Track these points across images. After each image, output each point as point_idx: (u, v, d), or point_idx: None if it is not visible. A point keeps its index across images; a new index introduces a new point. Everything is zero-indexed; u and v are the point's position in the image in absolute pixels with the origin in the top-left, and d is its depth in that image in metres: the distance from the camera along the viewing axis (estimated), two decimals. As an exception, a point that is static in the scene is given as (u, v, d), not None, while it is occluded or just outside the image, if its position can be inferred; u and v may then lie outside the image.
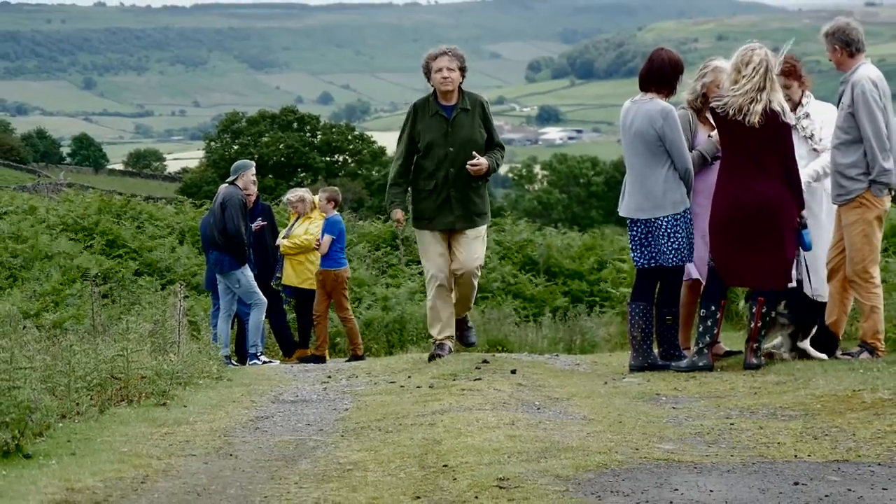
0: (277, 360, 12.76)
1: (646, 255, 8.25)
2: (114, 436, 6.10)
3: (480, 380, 7.71)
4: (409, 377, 8.31)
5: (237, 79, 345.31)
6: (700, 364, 8.02)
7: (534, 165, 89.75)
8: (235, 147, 63.98)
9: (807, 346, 8.16)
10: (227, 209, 12.12)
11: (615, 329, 14.66)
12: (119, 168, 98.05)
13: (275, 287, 13.18)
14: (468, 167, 8.88)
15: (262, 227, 13.01)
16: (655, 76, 8.28)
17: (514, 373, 8.12)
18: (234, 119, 67.48)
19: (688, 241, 8.23)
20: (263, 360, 12.21)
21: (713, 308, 8.03)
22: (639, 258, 8.29)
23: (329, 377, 8.86)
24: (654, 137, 8.14)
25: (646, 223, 8.22)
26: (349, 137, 66.71)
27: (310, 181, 55.01)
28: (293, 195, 13.76)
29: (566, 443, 5.57)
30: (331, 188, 13.66)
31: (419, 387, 7.68)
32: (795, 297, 8.14)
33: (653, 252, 8.22)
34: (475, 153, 8.90)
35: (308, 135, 65.67)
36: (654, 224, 8.19)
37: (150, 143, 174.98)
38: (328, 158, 65.30)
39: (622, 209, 8.40)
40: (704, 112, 8.45)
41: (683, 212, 8.20)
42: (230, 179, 12.56)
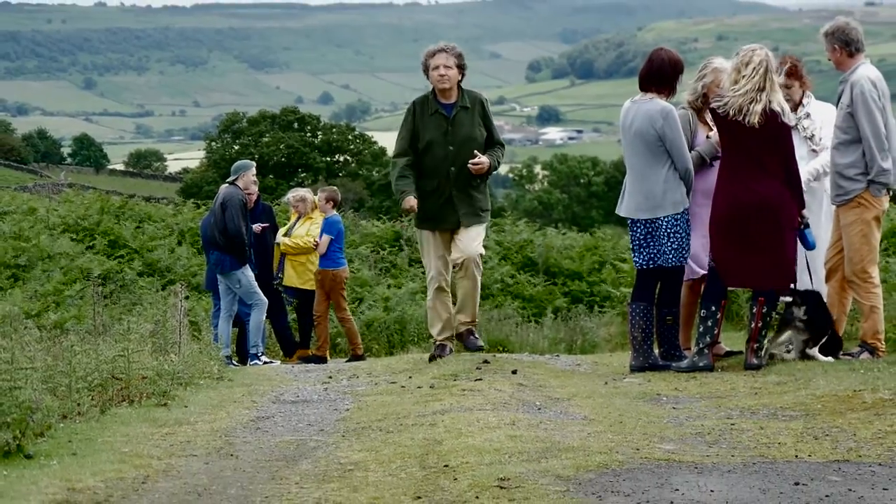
0: (278, 361, 12.76)
1: (646, 256, 8.25)
2: (115, 436, 6.11)
3: (481, 380, 7.71)
4: (410, 377, 8.32)
5: (237, 79, 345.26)
6: (700, 364, 8.02)
7: (534, 165, 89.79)
8: (236, 147, 64.02)
9: (815, 354, 8.12)
10: (228, 209, 12.12)
11: (616, 329, 14.67)
12: (120, 168, 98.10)
13: (277, 288, 13.18)
14: (470, 166, 8.82)
15: (264, 228, 13.03)
16: (655, 76, 8.27)
17: (515, 373, 8.12)
18: (235, 119, 67.52)
19: (688, 242, 8.23)
20: (264, 361, 12.21)
21: (713, 308, 8.03)
22: (639, 258, 8.30)
23: (330, 377, 8.86)
24: (655, 137, 8.14)
25: (646, 223, 8.22)
26: (349, 137, 66.76)
27: (310, 181, 55.04)
28: (294, 195, 13.76)
29: (567, 443, 5.57)
30: (329, 188, 13.66)
31: (420, 387, 7.69)
32: (813, 303, 8.11)
33: (653, 252, 8.22)
34: (476, 152, 8.86)
35: (308, 135, 65.70)
36: (655, 224, 8.19)
37: (151, 144, 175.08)
38: (328, 158, 65.36)
39: (622, 209, 8.40)
40: (704, 112, 8.45)
41: (683, 212, 8.20)
42: (230, 179, 12.55)
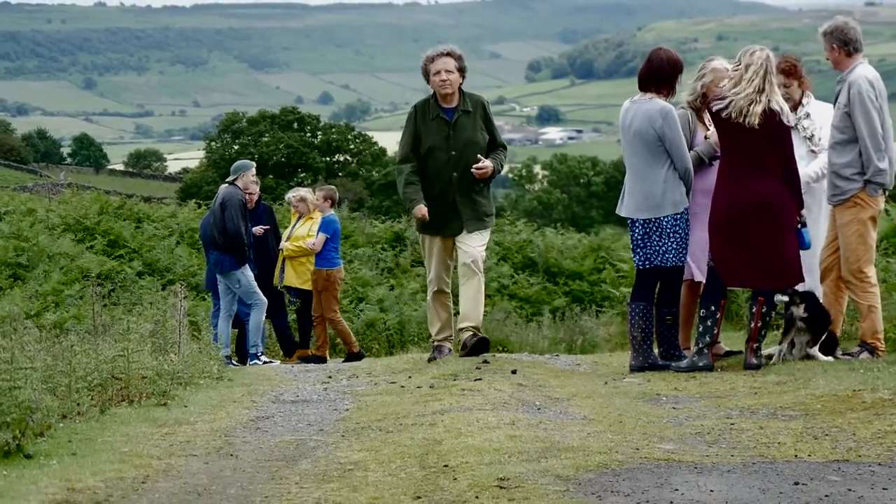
0: (278, 361, 12.76)
1: (646, 256, 8.25)
2: (114, 436, 6.11)
3: (481, 380, 7.71)
4: (410, 377, 8.32)
5: (237, 79, 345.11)
6: (700, 364, 8.02)
7: (534, 165, 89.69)
8: (236, 147, 63.94)
9: (816, 353, 8.13)
10: (227, 209, 12.12)
11: (615, 329, 14.68)
12: (119, 168, 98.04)
13: (280, 289, 13.18)
14: (473, 171, 8.78)
15: (265, 231, 13.04)
16: (655, 76, 8.27)
17: (515, 373, 8.12)
18: (235, 119, 67.46)
19: (688, 242, 8.23)
20: (264, 361, 12.21)
21: (713, 308, 8.03)
22: (639, 258, 8.30)
23: (329, 377, 8.86)
24: (654, 137, 8.14)
25: (646, 223, 8.22)
26: (349, 137, 66.73)
27: (310, 181, 54.98)
28: (294, 195, 13.76)
29: (566, 443, 5.57)
30: (327, 187, 13.69)
31: (420, 387, 7.69)
32: (814, 303, 8.12)
33: (652, 252, 8.22)
34: (479, 156, 8.81)
35: (308, 135, 65.66)
36: (654, 224, 8.19)
37: (151, 144, 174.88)
38: (328, 158, 65.31)
39: (622, 209, 8.39)
40: (703, 112, 8.44)
41: (683, 211, 8.20)
42: (230, 179, 12.55)
